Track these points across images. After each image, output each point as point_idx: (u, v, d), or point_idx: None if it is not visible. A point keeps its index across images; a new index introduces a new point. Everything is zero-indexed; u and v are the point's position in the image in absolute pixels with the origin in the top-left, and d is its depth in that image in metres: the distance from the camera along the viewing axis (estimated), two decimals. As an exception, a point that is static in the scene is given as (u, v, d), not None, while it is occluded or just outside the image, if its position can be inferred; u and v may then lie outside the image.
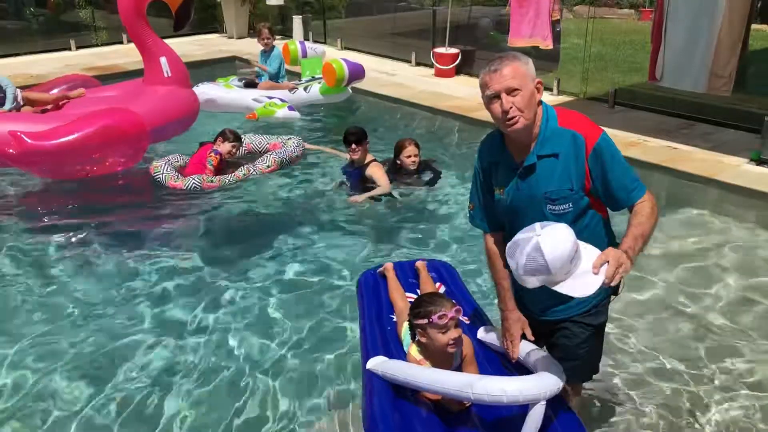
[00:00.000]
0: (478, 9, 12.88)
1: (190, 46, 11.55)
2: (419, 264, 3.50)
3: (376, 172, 5.45)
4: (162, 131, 5.96)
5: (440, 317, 2.43)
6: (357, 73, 7.73)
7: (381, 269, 3.48)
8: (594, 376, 2.86)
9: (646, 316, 4.03)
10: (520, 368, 2.54)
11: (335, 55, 8.95)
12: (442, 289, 3.28)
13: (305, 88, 7.90)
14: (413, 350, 2.61)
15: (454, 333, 2.46)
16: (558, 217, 2.36)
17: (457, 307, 2.49)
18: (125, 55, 11.23)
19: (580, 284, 2.07)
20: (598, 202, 2.44)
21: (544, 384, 2.24)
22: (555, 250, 2.03)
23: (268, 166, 5.88)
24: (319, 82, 7.87)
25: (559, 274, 2.06)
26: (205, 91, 7.39)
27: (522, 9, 8.62)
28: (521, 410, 2.29)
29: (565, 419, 2.37)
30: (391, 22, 13.14)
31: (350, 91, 8.07)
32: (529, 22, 8.58)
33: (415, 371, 2.51)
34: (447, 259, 4.12)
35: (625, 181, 2.35)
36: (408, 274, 3.46)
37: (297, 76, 8.50)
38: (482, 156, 2.57)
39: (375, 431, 2.40)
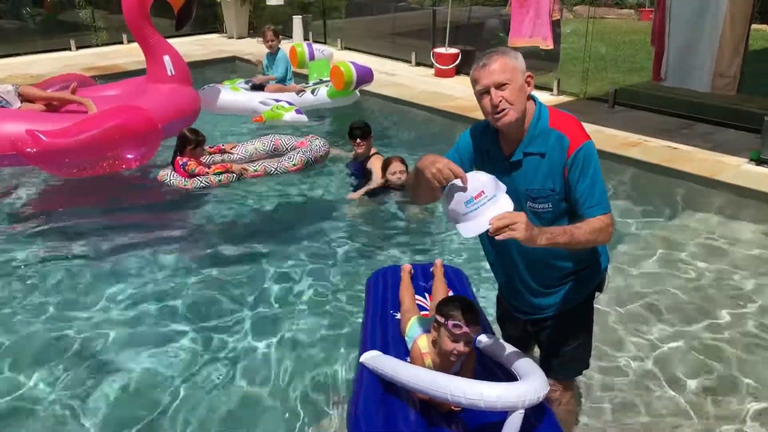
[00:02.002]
0: (478, 9, 12.90)
1: (191, 46, 11.56)
2: (437, 262, 3.49)
3: (375, 164, 5.46)
4: (166, 129, 5.96)
5: (455, 326, 2.43)
6: (365, 75, 7.67)
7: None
8: (585, 373, 2.87)
9: (642, 314, 4.03)
10: (515, 378, 2.50)
11: (337, 56, 8.92)
12: (450, 294, 3.28)
13: (313, 91, 7.82)
14: (421, 341, 2.62)
15: (461, 347, 2.46)
16: (537, 216, 2.38)
17: (477, 326, 2.47)
18: (125, 55, 11.24)
19: (470, 226, 2.17)
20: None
21: (523, 392, 2.23)
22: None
23: (294, 165, 5.95)
24: (327, 85, 7.79)
25: (457, 209, 2.19)
26: (211, 93, 7.37)
27: (522, 9, 8.62)
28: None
29: (546, 427, 2.35)
30: (391, 22, 13.15)
31: (358, 94, 8.00)
32: (529, 22, 8.58)
33: (400, 367, 2.51)
34: (452, 262, 4.12)
35: (588, 195, 2.32)
36: (420, 277, 3.46)
37: (304, 78, 8.41)
38: (474, 137, 2.55)
39: (357, 427, 2.39)
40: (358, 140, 5.54)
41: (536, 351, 2.93)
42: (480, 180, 2.20)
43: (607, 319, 3.88)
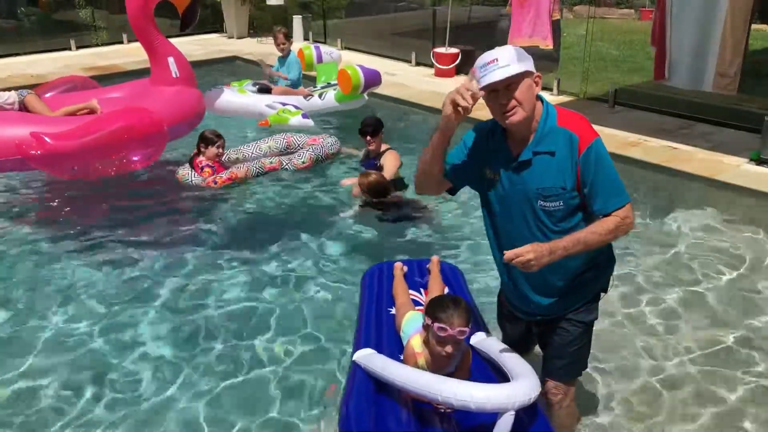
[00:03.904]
0: (479, 9, 12.90)
1: (191, 46, 11.54)
2: (434, 259, 3.48)
3: (388, 159, 5.44)
4: (171, 131, 5.95)
5: (440, 329, 2.40)
6: (373, 79, 7.55)
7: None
8: (585, 375, 2.87)
9: (641, 314, 4.03)
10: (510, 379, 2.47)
11: (347, 59, 8.82)
12: (445, 291, 3.27)
13: (320, 95, 7.73)
14: (415, 341, 2.61)
15: (450, 348, 2.43)
16: (548, 214, 2.40)
17: (463, 328, 2.42)
18: (125, 55, 11.25)
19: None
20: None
21: (514, 393, 2.21)
22: None
23: (303, 162, 6.06)
24: (335, 89, 7.69)
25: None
26: (218, 95, 7.36)
27: (522, 9, 8.63)
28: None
29: (538, 429, 2.34)
30: (391, 22, 13.15)
31: (366, 97, 7.90)
32: (529, 22, 8.59)
33: (391, 367, 2.50)
34: (452, 261, 4.10)
35: (606, 190, 2.35)
36: (416, 272, 3.45)
37: (312, 81, 8.32)
38: (481, 137, 2.55)
39: (347, 427, 2.38)
40: (369, 137, 5.55)
41: (535, 354, 2.94)
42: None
43: (607, 319, 3.88)
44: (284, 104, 7.27)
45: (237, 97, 7.47)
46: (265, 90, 7.77)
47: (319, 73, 8.30)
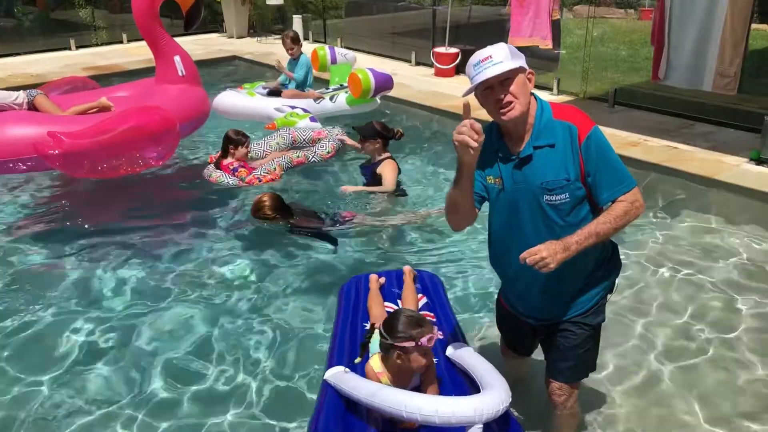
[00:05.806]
0: (479, 9, 12.90)
1: (191, 46, 11.45)
2: (406, 269, 3.45)
3: (385, 169, 5.40)
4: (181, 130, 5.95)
5: (429, 340, 2.40)
6: (384, 83, 7.50)
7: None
8: (591, 376, 2.86)
9: (643, 315, 4.02)
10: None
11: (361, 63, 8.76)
12: (423, 301, 3.24)
13: (331, 98, 7.67)
14: (374, 362, 2.57)
15: (431, 355, 2.44)
16: (555, 209, 2.38)
17: (434, 335, 2.44)
18: (125, 54, 11.24)
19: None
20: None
21: (481, 406, 2.16)
22: None
23: (328, 152, 6.27)
24: (346, 92, 7.65)
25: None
26: (227, 97, 7.34)
27: (522, 8, 8.63)
28: None
29: None
30: (391, 21, 13.14)
31: (378, 101, 7.85)
32: (529, 21, 8.59)
33: (359, 384, 2.46)
34: (433, 269, 4.07)
35: (610, 177, 2.36)
36: (393, 283, 3.41)
37: (325, 83, 8.23)
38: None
39: None
40: (360, 141, 5.56)
41: (537, 353, 2.93)
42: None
43: (609, 321, 3.86)
44: (293, 107, 7.26)
45: (246, 99, 7.48)
46: (275, 93, 7.74)
47: (332, 74, 8.23)
